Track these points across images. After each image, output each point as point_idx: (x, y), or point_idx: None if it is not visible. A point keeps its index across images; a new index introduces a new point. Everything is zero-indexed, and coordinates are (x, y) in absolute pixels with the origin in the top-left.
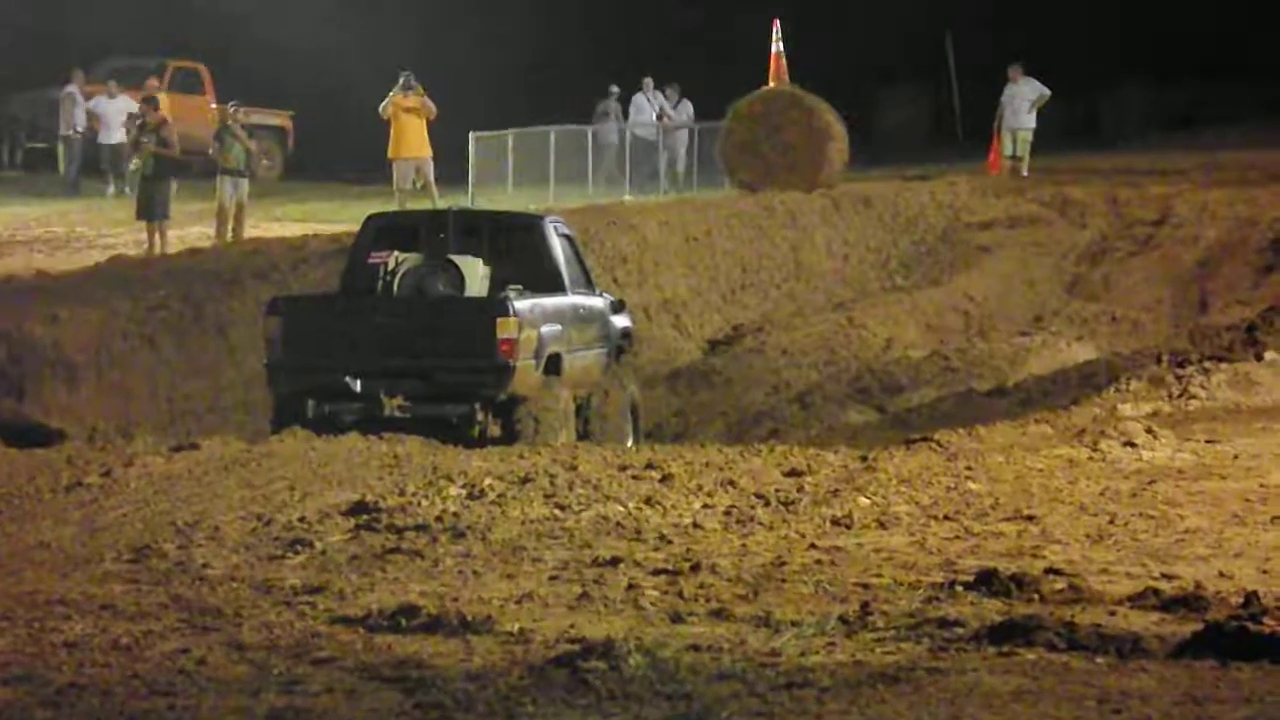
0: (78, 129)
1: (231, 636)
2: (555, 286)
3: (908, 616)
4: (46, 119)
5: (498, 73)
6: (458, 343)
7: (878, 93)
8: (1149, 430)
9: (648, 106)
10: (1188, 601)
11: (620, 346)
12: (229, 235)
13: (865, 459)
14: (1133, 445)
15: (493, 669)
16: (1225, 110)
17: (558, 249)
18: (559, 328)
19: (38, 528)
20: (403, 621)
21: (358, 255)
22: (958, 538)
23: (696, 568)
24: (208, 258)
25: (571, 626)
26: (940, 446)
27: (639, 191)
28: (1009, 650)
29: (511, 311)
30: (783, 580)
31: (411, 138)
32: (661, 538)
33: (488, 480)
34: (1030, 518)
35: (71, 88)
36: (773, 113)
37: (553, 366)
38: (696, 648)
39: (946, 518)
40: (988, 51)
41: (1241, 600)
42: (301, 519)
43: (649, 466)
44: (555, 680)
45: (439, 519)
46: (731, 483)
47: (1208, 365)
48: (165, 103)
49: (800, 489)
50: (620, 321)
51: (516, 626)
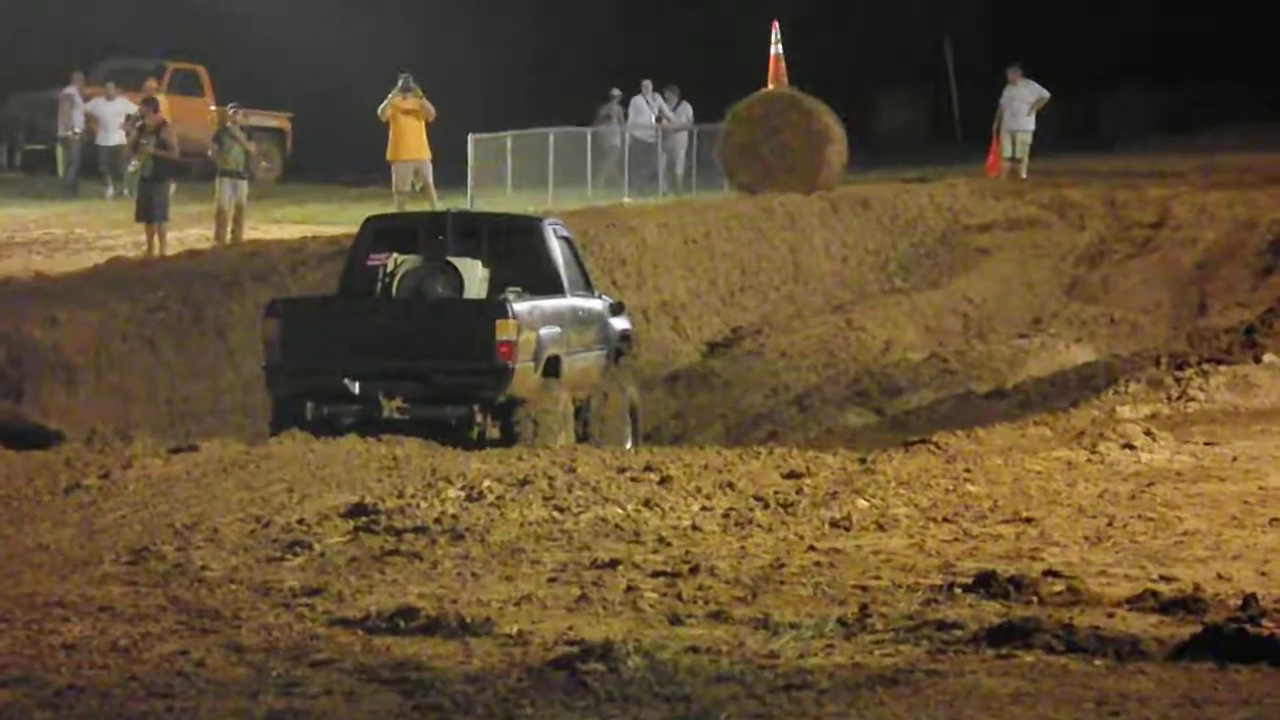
0: (76, 131)
1: (230, 638)
2: (554, 289)
3: (906, 618)
4: (45, 121)
5: (497, 75)
6: (456, 345)
7: (876, 95)
8: (1148, 432)
9: (647, 109)
10: (1186, 604)
11: (619, 349)
12: (228, 237)
13: (864, 461)
14: (1131, 447)
15: (491, 671)
16: (1224, 112)
17: (557, 251)
18: (558, 330)
19: (36, 530)
20: (401, 623)
21: (356, 257)
22: (956, 540)
23: (695, 570)
24: (207, 259)
25: (570, 628)
26: (939, 449)
27: (638, 194)
28: (1007, 652)
29: (510, 314)
30: (781, 582)
31: (410, 140)
32: (660, 540)
33: (486, 482)
34: (1029, 520)
35: (70, 89)
36: (772, 115)
37: (552, 369)
38: (695, 650)
39: (945, 520)
40: (986, 54)
41: (1240, 602)
42: (300, 521)
43: (648, 469)
44: (554, 682)
45: (438, 521)
46: (730, 485)
47: (1206, 367)
48: (164, 104)
49: (799, 491)
50: (619, 324)
51: (515, 628)
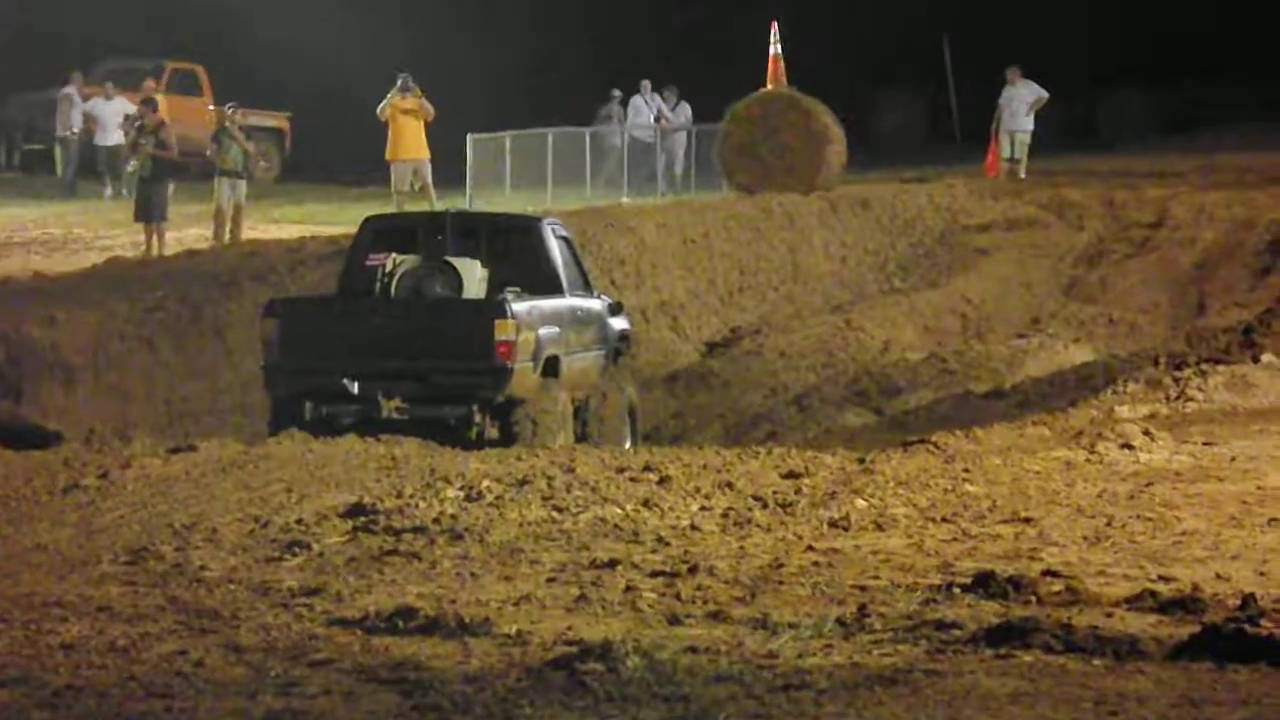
0: (74, 131)
1: (229, 638)
2: (553, 289)
3: (905, 618)
4: (44, 121)
5: (496, 75)
6: (455, 345)
7: (875, 95)
8: (1146, 432)
9: (645, 109)
10: (1185, 603)
11: (618, 349)
12: (226, 237)
13: (863, 461)
14: (1130, 447)
15: (490, 671)
16: (1223, 112)
17: (555, 251)
18: (557, 330)
19: (35, 530)
20: (400, 623)
21: (355, 257)
22: (955, 540)
23: (694, 570)
24: (205, 259)
25: (569, 628)
26: (938, 449)
27: (637, 194)
28: (1006, 652)
29: (509, 314)
30: (780, 582)
31: (409, 139)
32: (659, 540)
33: (485, 482)
34: (1027, 520)
35: (69, 89)
36: (771, 115)
37: (550, 368)
38: (694, 649)
39: (944, 520)
40: (985, 54)
41: (1239, 602)
42: (299, 521)
43: (647, 469)
44: (553, 682)
45: (436, 521)
46: (729, 485)
47: (1205, 367)
48: (162, 104)
49: (798, 491)
50: (618, 324)
51: (514, 628)
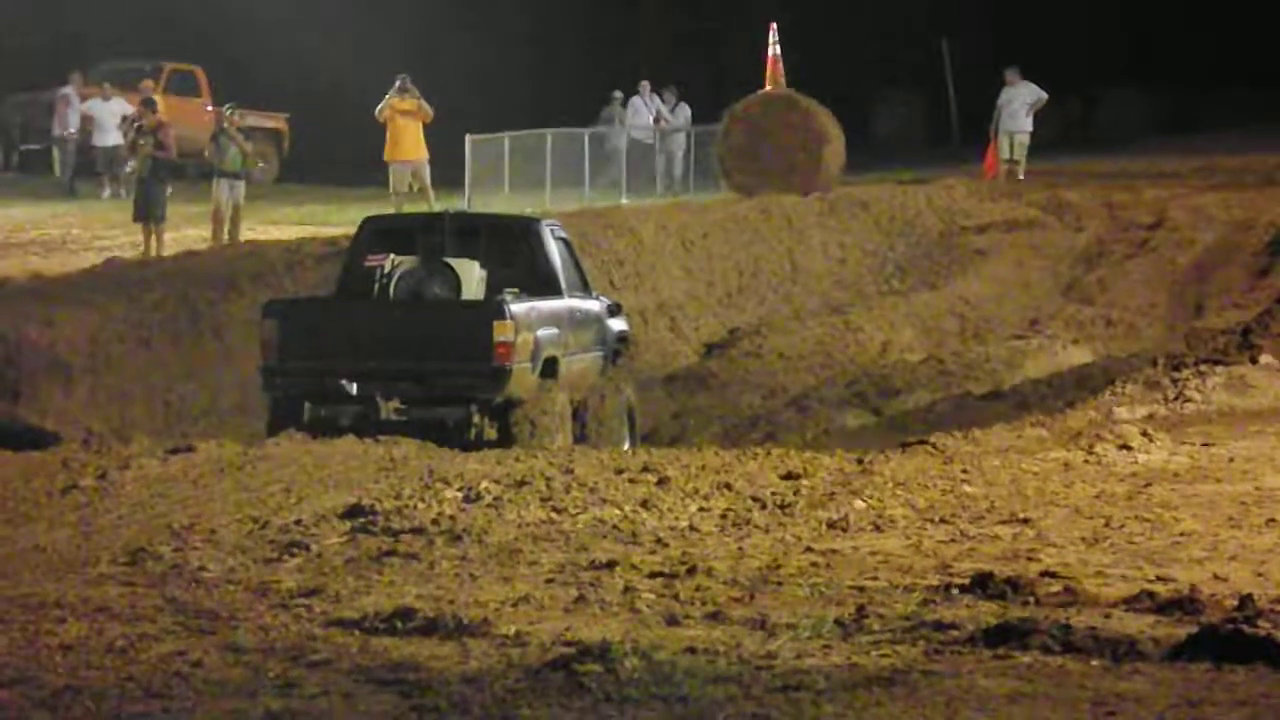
0: (72, 131)
1: (227, 639)
2: (551, 290)
3: (903, 619)
4: (42, 121)
5: (495, 76)
6: (454, 346)
7: (874, 96)
8: (1144, 433)
9: (645, 110)
10: (1183, 604)
11: (617, 350)
12: (225, 238)
13: (861, 462)
14: (1128, 448)
15: (489, 672)
16: (1221, 114)
17: (554, 252)
18: (555, 331)
19: (33, 530)
20: (399, 624)
21: (354, 258)
22: (953, 541)
23: (693, 571)
24: (204, 260)
25: (568, 629)
26: (936, 450)
27: (636, 195)
28: (1004, 653)
29: (508, 314)
30: (779, 583)
31: (408, 140)
32: (658, 541)
33: (484, 483)
34: (1026, 521)
35: (67, 89)
36: (770, 116)
37: (549, 370)
38: (692, 650)
39: (942, 521)
40: (984, 55)
41: (1236, 603)
42: (298, 522)
43: (645, 470)
44: (551, 683)
45: (435, 522)
46: (728, 486)
47: (1203, 368)
48: (161, 105)
49: (796, 492)
50: (617, 325)
51: (513, 629)
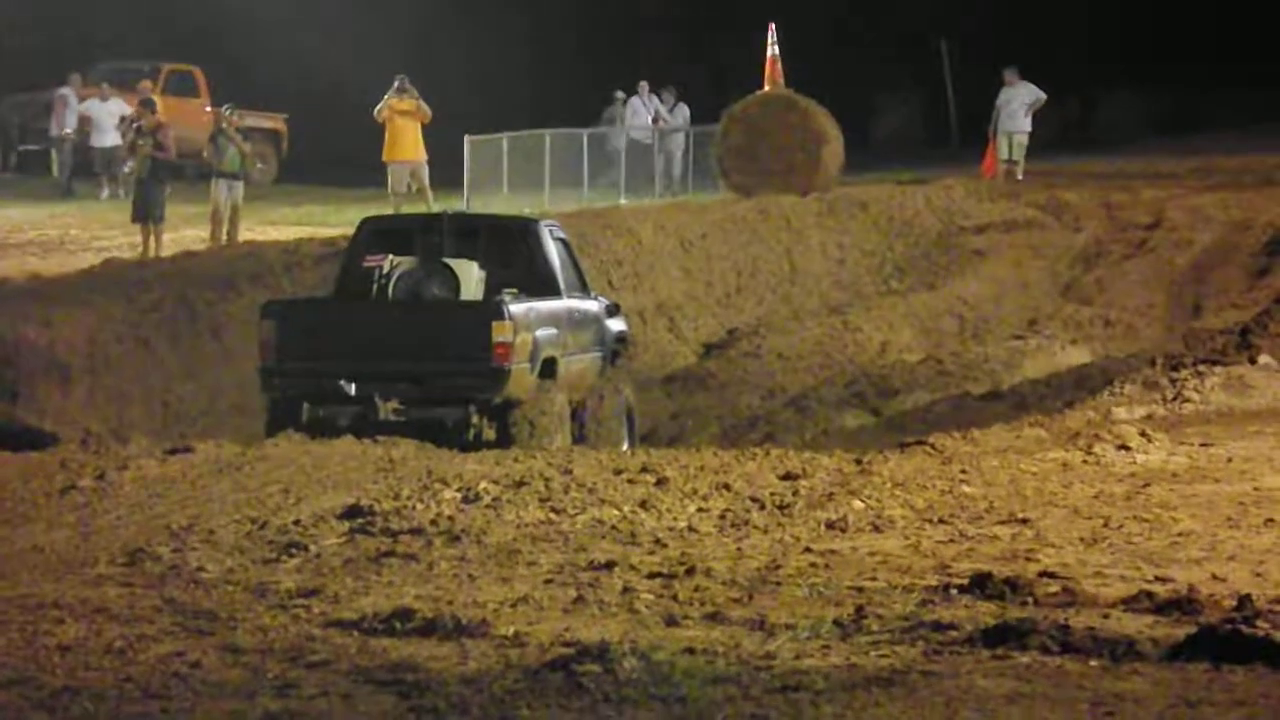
0: (69, 131)
1: (226, 640)
2: (550, 290)
3: (902, 620)
4: (40, 121)
5: (493, 76)
6: (452, 346)
7: (873, 96)
8: (1143, 433)
9: (643, 110)
10: (1181, 604)
11: (615, 350)
12: (223, 238)
13: (860, 463)
14: (1127, 448)
15: (488, 672)
16: (1220, 114)
17: (553, 253)
18: (554, 331)
19: (31, 531)
20: (398, 625)
21: (352, 258)
22: (952, 541)
23: (691, 571)
24: (202, 260)
25: (566, 630)
26: (935, 450)
27: (634, 195)
28: (1003, 653)
29: (506, 315)
30: (777, 584)
31: (407, 141)
32: (656, 541)
33: (483, 484)
34: (1024, 521)
35: (65, 90)
36: (768, 116)
37: (548, 370)
38: (691, 651)
39: (941, 521)
40: (983, 55)
41: (1235, 603)
42: (296, 522)
43: (644, 470)
44: (550, 683)
45: (434, 522)
46: (726, 486)
47: (1201, 368)
48: (160, 106)
49: (795, 493)
50: (615, 325)
51: (511, 630)
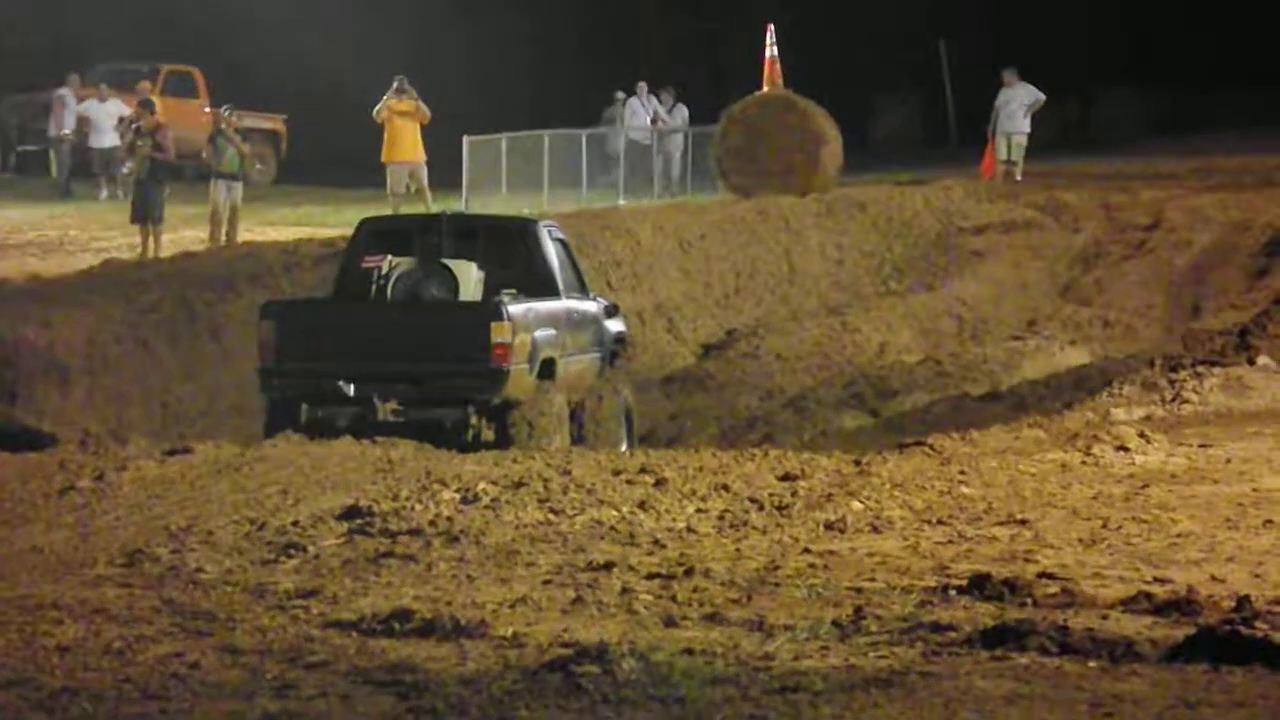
0: (67, 132)
1: (225, 641)
2: (549, 291)
3: (901, 620)
4: (40, 122)
5: (494, 76)
6: (451, 347)
7: (872, 97)
8: (1142, 434)
9: (642, 111)
10: (1180, 605)
11: (614, 351)
12: (222, 239)
13: (859, 463)
14: (1125, 449)
15: (486, 673)
16: (1219, 114)
17: (552, 253)
18: (553, 332)
19: (30, 532)
20: (396, 626)
21: (351, 259)
22: (951, 542)
23: (690, 572)
24: (201, 261)
25: (565, 630)
26: (933, 451)
27: (633, 196)
28: (1001, 654)
29: (505, 316)
30: (776, 584)
31: (405, 142)
32: (655, 542)
33: (481, 485)
34: (1023, 522)
35: (63, 90)
36: (767, 117)
37: (547, 371)
38: (690, 652)
39: (940, 522)
40: (982, 56)
41: (1234, 604)
42: (295, 523)
43: (643, 471)
44: (549, 684)
45: (433, 523)
46: (725, 487)
47: (1200, 369)
48: (159, 106)
49: (794, 493)
50: (614, 326)
51: (510, 631)
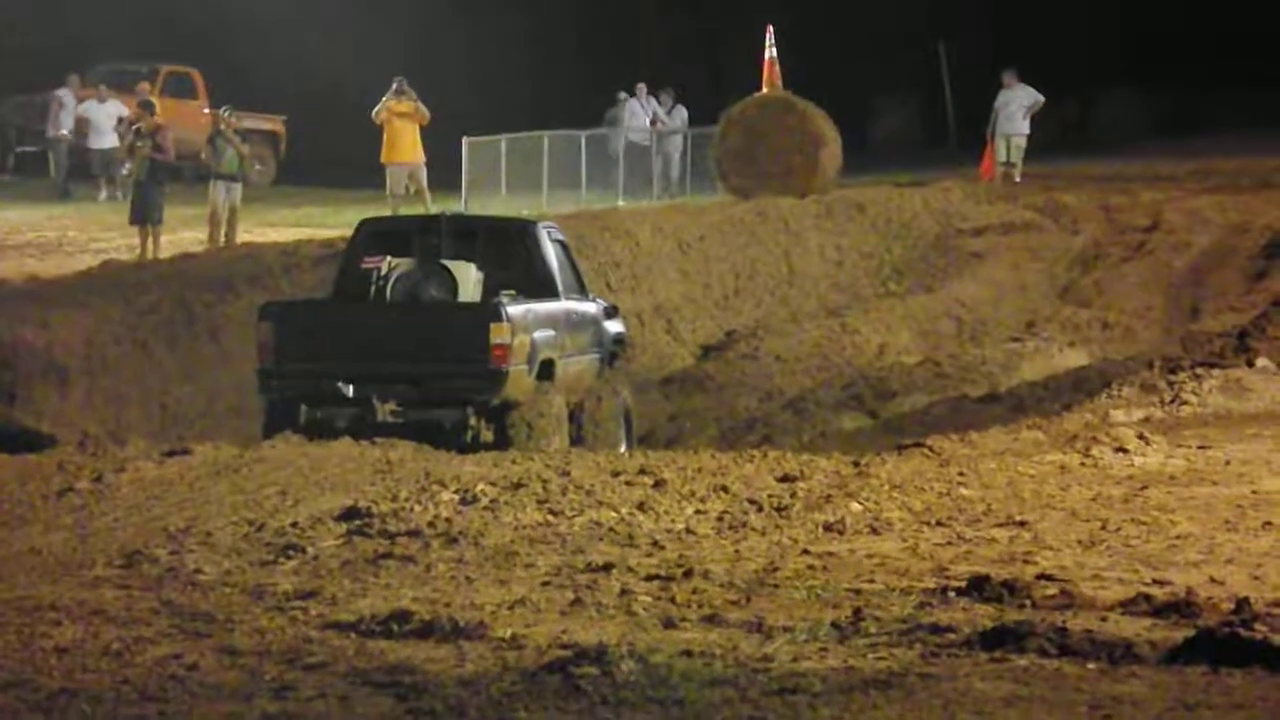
0: (66, 133)
1: (223, 642)
2: (548, 292)
3: (900, 622)
4: (39, 123)
5: (494, 77)
6: (450, 348)
7: (871, 98)
8: (1141, 436)
9: (641, 112)
10: (1179, 607)
11: (613, 352)
12: (221, 240)
13: (858, 465)
14: (1124, 451)
15: (485, 675)
16: (1219, 116)
17: (551, 254)
18: (552, 333)
19: (29, 533)
20: (395, 627)
21: (350, 260)
22: (950, 543)
23: (689, 573)
24: (200, 262)
25: (564, 632)
26: (933, 452)
27: (632, 197)
28: (1001, 656)
29: (504, 317)
30: (775, 586)
31: (405, 143)
32: (654, 543)
33: (480, 486)
34: (1022, 523)
35: (62, 91)
36: (766, 118)
37: (546, 372)
38: (689, 653)
39: (939, 523)
40: (981, 57)
41: (1233, 606)
42: (294, 524)
43: (642, 472)
44: (548, 686)
45: (431, 524)
46: (724, 488)
47: (1199, 371)
48: (158, 107)
49: (793, 495)
50: (613, 327)
51: (509, 632)
